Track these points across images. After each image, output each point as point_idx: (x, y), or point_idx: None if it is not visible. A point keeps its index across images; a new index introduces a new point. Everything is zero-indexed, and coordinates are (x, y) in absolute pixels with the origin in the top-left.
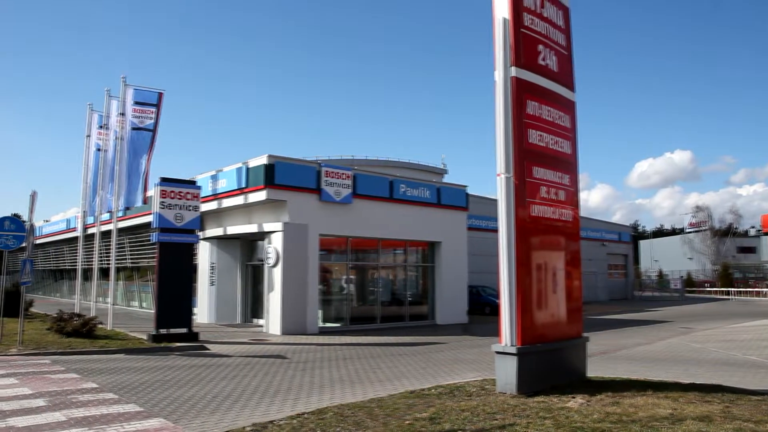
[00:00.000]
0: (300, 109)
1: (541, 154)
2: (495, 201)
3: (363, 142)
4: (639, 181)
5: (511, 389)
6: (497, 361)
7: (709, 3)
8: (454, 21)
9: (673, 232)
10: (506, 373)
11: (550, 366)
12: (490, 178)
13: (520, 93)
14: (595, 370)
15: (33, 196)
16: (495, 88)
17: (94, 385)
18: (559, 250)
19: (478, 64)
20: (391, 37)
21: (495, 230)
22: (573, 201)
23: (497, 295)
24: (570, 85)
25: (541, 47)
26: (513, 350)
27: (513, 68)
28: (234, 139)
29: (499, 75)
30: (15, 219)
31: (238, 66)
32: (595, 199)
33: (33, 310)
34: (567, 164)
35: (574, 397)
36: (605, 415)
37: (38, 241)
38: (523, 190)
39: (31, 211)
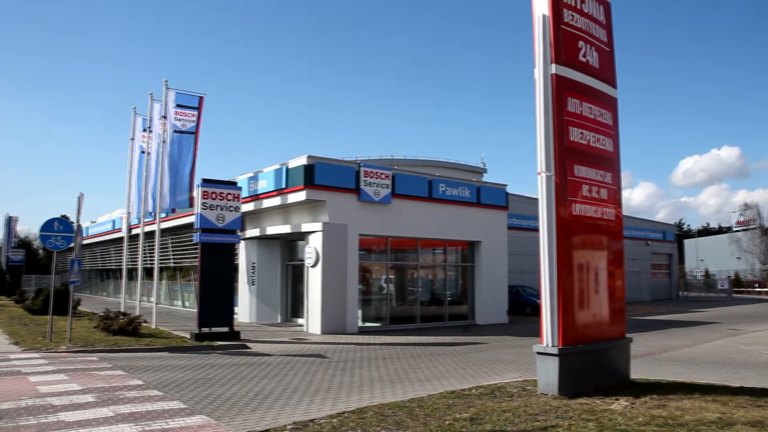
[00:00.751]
0: (340, 109)
1: (583, 152)
2: (535, 200)
3: (402, 142)
4: (684, 179)
5: (552, 390)
6: (538, 362)
7: None
8: (494, 19)
9: (720, 230)
10: (547, 374)
11: (593, 367)
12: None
13: (561, 90)
14: (639, 372)
15: (80, 198)
16: (535, 85)
17: (140, 382)
18: (602, 250)
19: (518, 62)
20: (430, 36)
21: (536, 229)
22: (615, 199)
23: (538, 295)
24: (611, 82)
25: (581, 43)
26: (554, 351)
27: (553, 65)
28: (274, 140)
29: (538, 72)
30: (63, 220)
31: (277, 66)
32: (638, 197)
33: (80, 308)
34: (609, 162)
35: (617, 399)
36: (650, 418)
37: (85, 242)
38: (564, 188)
39: (79, 212)
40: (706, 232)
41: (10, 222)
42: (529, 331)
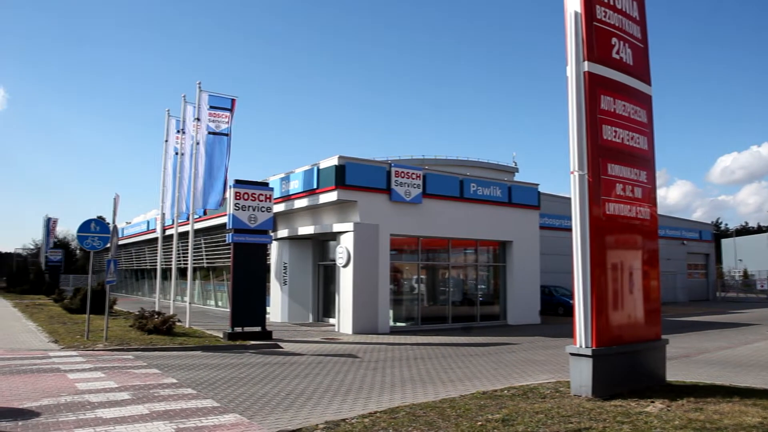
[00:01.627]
0: (371, 109)
1: (616, 151)
2: (568, 199)
3: (433, 142)
4: (722, 177)
5: (586, 392)
6: (571, 363)
7: None
8: (525, 16)
9: (760, 229)
10: (581, 375)
11: (627, 369)
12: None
13: (594, 88)
14: (675, 374)
15: (116, 199)
16: (567, 83)
17: (174, 381)
18: (636, 249)
19: (550, 59)
20: (462, 35)
21: (568, 229)
22: (650, 198)
23: (571, 296)
24: (646, 79)
25: (614, 40)
26: (588, 352)
27: (586, 63)
28: (306, 141)
29: (571, 70)
30: (100, 221)
31: (309, 67)
32: (674, 196)
33: (116, 308)
34: (643, 160)
35: (653, 402)
36: (687, 422)
37: (121, 243)
38: (597, 187)
39: (115, 213)
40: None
41: (49, 223)
42: (562, 332)
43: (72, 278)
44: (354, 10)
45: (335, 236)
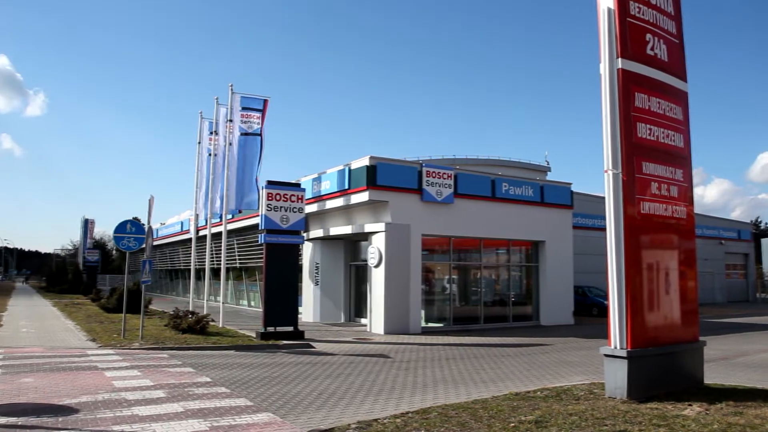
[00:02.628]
0: (402, 109)
1: (651, 149)
2: (602, 198)
3: (464, 142)
4: (762, 175)
5: (621, 394)
6: (606, 365)
7: None
8: (557, 13)
9: None
10: (616, 377)
11: (664, 371)
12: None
13: (628, 85)
14: (713, 377)
15: (151, 201)
16: (600, 81)
17: (208, 379)
18: (672, 249)
19: (582, 57)
20: (491, 36)
21: (602, 229)
22: (686, 197)
23: (605, 296)
24: (681, 75)
25: (649, 36)
26: (623, 353)
27: (619, 60)
28: (337, 141)
29: (604, 67)
30: (135, 222)
31: (340, 67)
32: (711, 194)
33: (151, 307)
34: (679, 158)
35: (690, 405)
36: (726, 426)
37: (156, 243)
38: (632, 186)
39: (149, 214)
40: None
41: (87, 224)
42: (595, 333)
43: (108, 278)
44: (386, 11)
45: (367, 236)
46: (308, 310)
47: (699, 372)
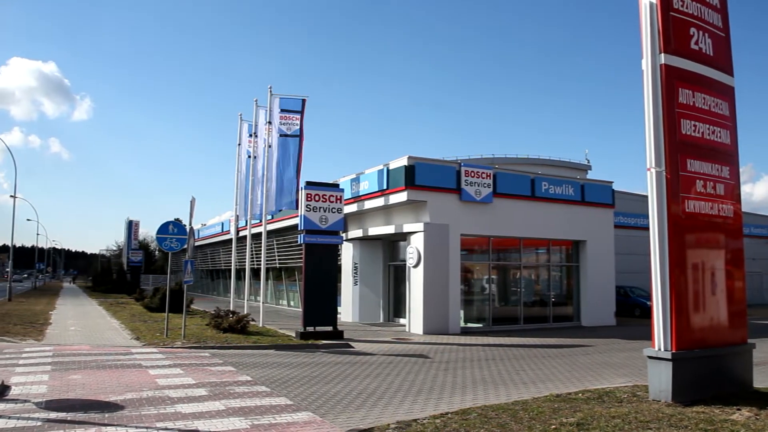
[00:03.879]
0: (440, 109)
1: (696, 146)
2: (645, 197)
3: (503, 141)
4: None
5: (665, 397)
6: (650, 367)
7: None
8: (596, 9)
9: None
10: (660, 379)
11: (710, 374)
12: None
13: (671, 81)
14: (763, 380)
15: (192, 202)
16: (643, 77)
17: (248, 378)
18: (718, 248)
19: (623, 53)
20: (529, 35)
21: (645, 228)
22: (733, 195)
23: (648, 297)
24: (727, 69)
25: (693, 30)
26: (667, 355)
27: (662, 55)
28: (375, 141)
29: (646, 63)
30: (177, 223)
31: (379, 67)
32: (760, 192)
33: (193, 307)
34: (725, 155)
35: (739, 410)
36: None
37: (197, 244)
38: (676, 184)
39: (191, 215)
40: None
41: (131, 225)
42: (638, 334)
43: (151, 278)
44: (425, 9)
45: (405, 236)
46: (347, 310)
47: (748, 376)
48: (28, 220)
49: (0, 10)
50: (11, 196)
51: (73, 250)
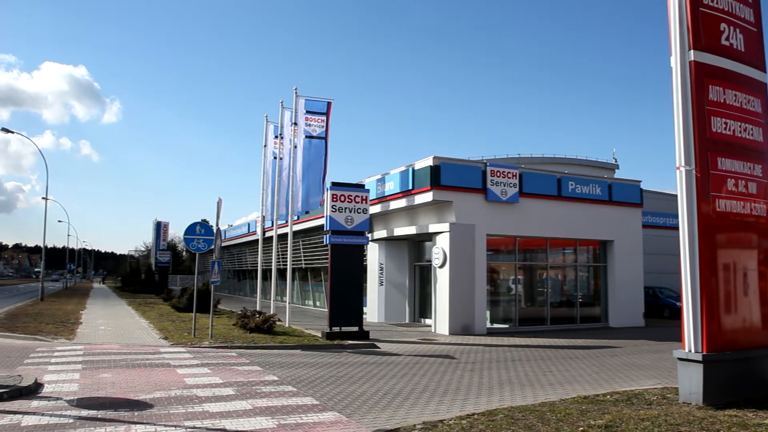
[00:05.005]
0: (465, 109)
1: (727, 144)
2: (674, 196)
3: (529, 140)
4: None
5: (696, 399)
6: (680, 369)
7: None
8: (625, 9)
9: None
10: (690, 381)
11: (743, 376)
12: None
13: (701, 78)
14: None
15: (219, 203)
16: (672, 74)
17: (275, 378)
18: (751, 248)
19: (651, 49)
20: (555, 35)
21: (674, 228)
22: (766, 194)
23: (677, 297)
24: (760, 65)
25: (723, 26)
26: (698, 357)
27: (692, 52)
28: (401, 142)
29: (675, 60)
30: (205, 224)
31: (404, 68)
32: None
33: (220, 307)
34: (758, 153)
35: None
36: None
37: (224, 244)
38: (706, 183)
39: (218, 216)
40: None
41: (159, 227)
42: (668, 336)
43: (179, 278)
44: (448, 12)
45: (431, 237)
46: (373, 311)
47: None
48: (59, 221)
49: (32, 16)
50: (43, 198)
51: (103, 251)
